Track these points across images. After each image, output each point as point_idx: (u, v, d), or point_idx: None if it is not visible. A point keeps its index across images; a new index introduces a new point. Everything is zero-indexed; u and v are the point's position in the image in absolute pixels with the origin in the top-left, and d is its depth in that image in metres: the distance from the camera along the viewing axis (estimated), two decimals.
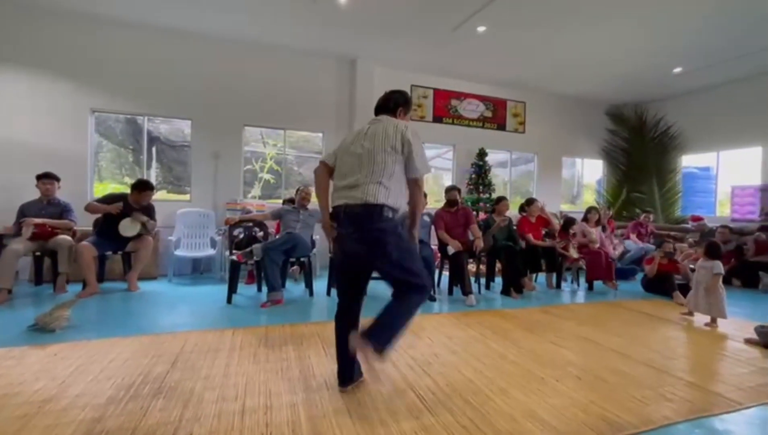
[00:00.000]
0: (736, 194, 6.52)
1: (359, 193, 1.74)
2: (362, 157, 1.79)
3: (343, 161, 1.88)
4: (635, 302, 4.08)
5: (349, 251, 1.84)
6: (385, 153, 1.77)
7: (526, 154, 7.52)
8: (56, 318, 2.67)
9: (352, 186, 1.77)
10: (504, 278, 4.31)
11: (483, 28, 4.89)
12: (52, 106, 4.77)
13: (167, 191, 5.78)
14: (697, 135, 7.07)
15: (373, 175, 1.75)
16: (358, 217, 1.75)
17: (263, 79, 5.65)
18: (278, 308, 3.49)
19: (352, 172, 1.80)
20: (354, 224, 1.76)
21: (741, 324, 3.29)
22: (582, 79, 6.67)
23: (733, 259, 5.20)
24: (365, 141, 1.82)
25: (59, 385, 1.89)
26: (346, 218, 1.77)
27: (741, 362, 2.43)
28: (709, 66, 5.91)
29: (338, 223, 1.82)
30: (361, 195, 1.73)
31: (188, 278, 4.93)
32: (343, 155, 1.90)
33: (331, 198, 1.89)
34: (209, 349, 2.42)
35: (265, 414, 1.68)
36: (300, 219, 4.09)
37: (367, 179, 1.75)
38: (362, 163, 1.78)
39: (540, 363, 2.33)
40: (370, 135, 1.84)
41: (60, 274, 3.82)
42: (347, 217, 1.77)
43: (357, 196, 1.74)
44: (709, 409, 1.82)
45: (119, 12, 4.72)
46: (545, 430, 1.61)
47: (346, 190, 1.79)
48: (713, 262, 3.27)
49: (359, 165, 1.79)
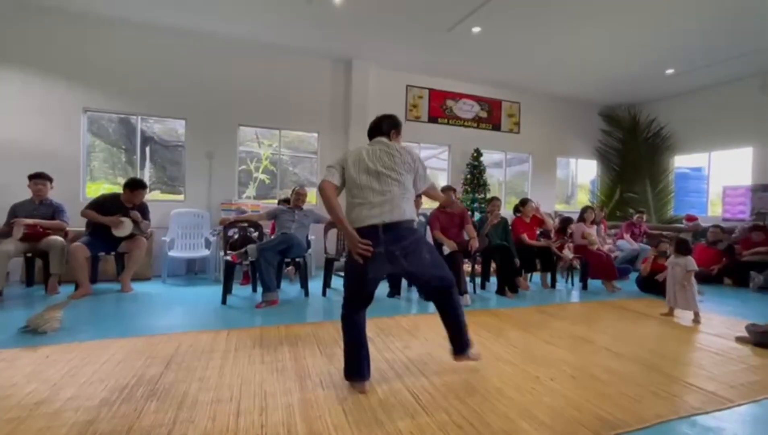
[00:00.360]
0: (727, 194, 6.61)
1: (393, 211, 1.87)
2: (381, 176, 1.90)
3: (357, 179, 1.92)
4: (629, 301, 4.11)
5: (381, 266, 1.89)
6: (404, 172, 1.94)
7: (521, 155, 7.56)
8: (48, 320, 2.63)
9: (381, 204, 1.87)
10: (499, 278, 4.33)
11: (478, 28, 4.91)
12: (43, 106, 4.72)
13: (161, 191, 5.73)
14: (689, 136, 7.15)
15: (399, 193, 1.90)
16: (398, 234, 1.87)
17: (258, 79, 5.63)
18: (273, 309, 3.47)
19: (373, 190, 1.89)
20: (396, 241, 1.86)
21: (733, 322, 3.32)
22: (576, 80, 6.72)
23: (725, 259, 5.26)
24: (377, 161, 1.93)
25: (51, 388, 1.87)
26: (386, 236, 1.85)
27: (733, 360, 2.46)
28: (701, 68, 5.98)
29: (374, 242, 1.85)
30: (397, 213, 1.87)
31: (182, 279, 4.90)
32: (356, 173, 1.93)
33: (355, 215, 1.91)
34: (204, 351, 2.40)
35: (260, 415, 1.67)
36: (295, 219, 4.08)
37: (395, 197, 1.89)
38: (382, 181, 1.90)
39: (535, 362, 2.34)
40: (381, 155, 1.95)
41: (52, 275, 3.78)
42: (388, 235, 1.85)
43: (393, 214, 1.87)
44: (701, 406, 1.84)
45: (112, 10, 4.68)
46: (540, 429, 1.61)
47: (376, 209, 1.87)
48: (686, 259, 3.38)
49: (379, 183, 1.90)
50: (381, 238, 1.84)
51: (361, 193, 1.91)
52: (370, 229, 1.86)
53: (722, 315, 3.60)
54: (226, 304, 3.59)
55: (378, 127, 2.10)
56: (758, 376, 2.21)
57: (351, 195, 1.96)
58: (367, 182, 1.90)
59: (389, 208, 1.87)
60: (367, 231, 1.86)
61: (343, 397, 1.85)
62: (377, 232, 1.85)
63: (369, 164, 1.92)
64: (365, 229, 1.87)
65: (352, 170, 1.94)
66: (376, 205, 1.87)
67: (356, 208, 1.91)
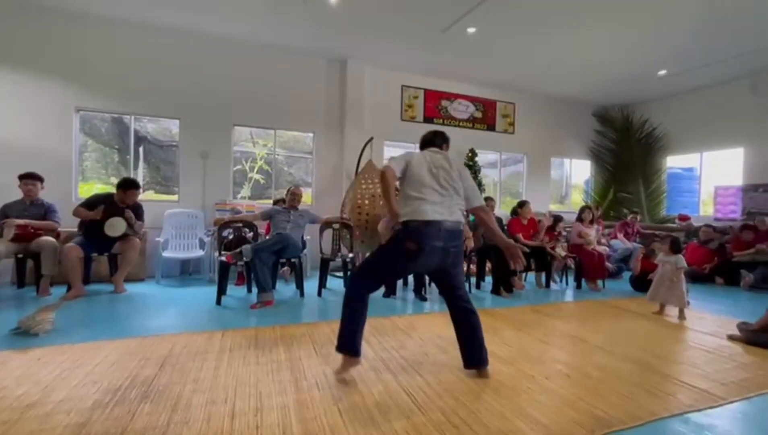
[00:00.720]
0: (719, 194, 6.69)
1: (453, 212, 2.05)
2: (440, 180, 2.07)
3: (421, 177, 2.06)
4: (622, 300, 4.15)
5: (430, 260, 2.03)
6: (457, 180, 2.12)
7: (516, 155, 7.60)
8: (40, 321, 2.60)
9: (441, 204, 2.03)
10: (494, 277, 4.35)
11: (473, 29, 4.93)
12: (35, 105, 4.66)
13: (155, 192, 5.69)
14: (681, 136, 7.23)
15: (454, 199, 2.09)
16: (452, 234, 2.04)
17: (253, 79, 5.61)
18: (268, 309, 3.46)
19: (434, 190, 2.04)
20: (449, 239, 2.02)
21: (724, 321, 3.36)
22: (570, 80, 6.76)
23: (716, 258, 5.33)
24: (439, 167, 2.10)
25: (43, 390, 1.85)
26: (442, 233, 1.99)
27: (724, 358, 2.49)
28: (693, 69, 6.05)
29: (431, 236, 1.97)
30: (456, 215, 2.07)
31: (176, 280, 4.86)
32: (419, 171, 2.07)
33: (412, 209, 2.02)
34: (198, 352, 2.38)
35: (255, 416, 1.66)
36: (290, 219, 4.06)
37: (453, 202, 2.08)
38: (442, 185, 2.07)
39: (530, 361, 2.36)
40: (443, 162, 2.13)
41: (43, 276, 3.73)
42: (444, 232, 2.00)
43: (453, 215, 2.05)
44: (694, 404, 1.86)
45: (106, 9, 4.64)
46: (536, 428, 1.62)
47: (438, 206, 2.02)
48: (676, 257, 3.49)
49: (440, 186, 2.06)
50: (442, 235, 1.99)
51: (422, 190, 2.04)
52: (432, 224, 1.97)
53: (714, 314, 3.65)
54: (221, 305, 3.57)
55: (431, 140, 2.31)
56: (749, 374, 2.24)
57: (411, 189, 2.06)
58: (430, 182, 2.05)
59: (449, 209, 2.04)
60: (428, 225, 1.97)
61: (338, 397, 1.85)
62: (439, 228, 1.98)
63: (432, 168, 2.09)
64: (426, 223, 1.97)
65: (416, 168, 2.07)
66: (437, 203, 2.02)
67: (415, 202, 2.02)
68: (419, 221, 1.98)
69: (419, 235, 1.97)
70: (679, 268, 3.45)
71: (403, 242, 2.00)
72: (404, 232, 2.02)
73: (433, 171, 2.09)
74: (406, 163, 2.10)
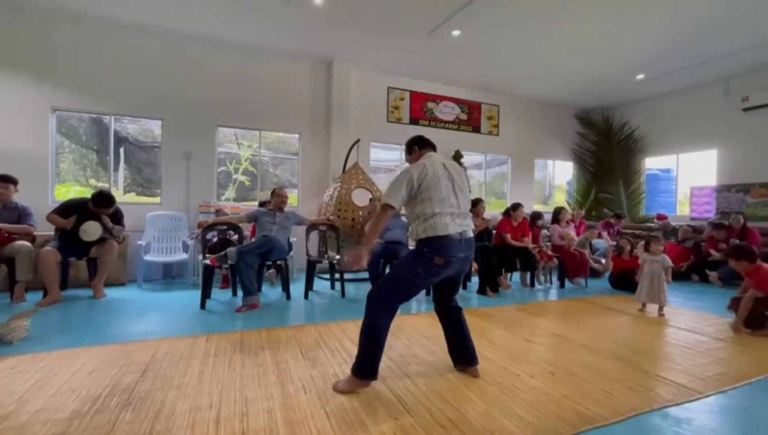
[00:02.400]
0: (694, 194, 6.91)
1: (468, 222, 2.08)
2: (455, 189, 2.05)
3: (438, 185, 1.99)
4: (603, 298, 4.25)
5: (450, 270, 2.03)
6: (467, 188, 2.13)
7: (500, 156, 7.70)
8: (14, 329, 2.51)
9: (462, 214, 2.05)
10: (480, 277, 4.39)
11: (458, 32, 4.98)
12: (8, 104, 4.49)
13: (136, 194, 5.55)
14: (658, 138, 7.45)
15: (467, 207, 2.11)
16: (470, 242, 2.08)
17: (237, 79, 5.54)
18: (254, 313, 3.41)
19: (451, 199, 2.02)
20: (468, 248, 2.06)
21: (701, 317, 3.50)
22: (552, 83, 6.90)
23: (692, 256, 5.50)
24: (456, 176, 2.09)
25: (17, 401, 1.78)
26: (463, 244, 2.01)
27: (701, 353, 2.57)
28: (669, 73, 6.25)
29: (455, 249, 1.97)
30: (471, 224, 2.10)
31: (159, 284, 4.75)
32: (436, 185, 1.99)
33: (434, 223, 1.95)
34: (182, 357, 2.33)
35: (241, 421, 1.63)
36: (276, 221, 4.02)
37: (467, 211, 2.10)
38: (457, 194, 2.05)
39: (515, 360, 2.39)
40: (459, 171, 2.14)
41: (18, 282, 3.60)
42: (464, 242, 2.02)
43: (470, 225, 2.08)
44: (673, 398, 1.91)
45: (84, 5, 4.51)
46: (522, 425, 1.64)
47: (458, 219, 2.02)
48: (662, 257, 3.62)
49: (455, 196, 2.04)
50: (463, 245, 2.01)
51: (443, 204, 1.98)
52: (455, 236, 1.97)
53: (691, 310, 3.77)
54: (205, 309, 3.51)
55: (430, 143, 2.26)
56: (725, 368, 2.32)
57: (429, 207, 1.96)
58: (446, 194, 2.01)
59: (467, 220, 2.07)
60: (452, 239, 1.96)
61: (325, 400, 1.83)
62: (460, 240, 1.99)
63: (448, 180, 2.04)
64: (450, 236, 1.95)
65: (432, 182, 1.98)
66: (456, 215, 2.02)
67: (434, 217, 1.95)
68: (443, 236, 1.94)
69: (445, 250, 1.94)
70: (666, 267, 3.57)
71: (430, 259, 1.95)
72: (428, 249, 1.95)
73: (450, 184, 2.04)
74: (410, 189, 1.97)
